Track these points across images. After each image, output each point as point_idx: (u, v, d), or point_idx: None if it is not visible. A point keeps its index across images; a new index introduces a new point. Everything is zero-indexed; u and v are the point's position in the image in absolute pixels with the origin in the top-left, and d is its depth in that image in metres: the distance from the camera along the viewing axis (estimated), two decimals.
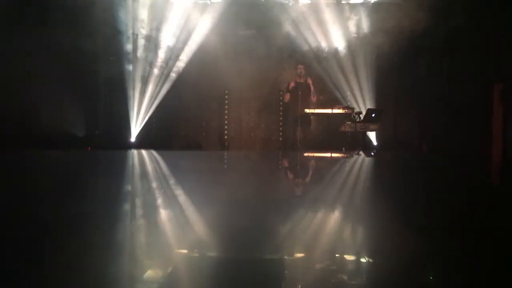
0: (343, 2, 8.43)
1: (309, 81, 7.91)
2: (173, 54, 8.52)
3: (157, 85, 8.56)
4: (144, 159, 6.18)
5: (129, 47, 8.45)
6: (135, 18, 8.35)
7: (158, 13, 8.33)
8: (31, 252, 1.44)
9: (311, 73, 8.24)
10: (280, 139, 8.95)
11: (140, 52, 8.49)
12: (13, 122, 6.95)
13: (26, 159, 5.78)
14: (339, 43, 8.53)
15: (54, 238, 1.63)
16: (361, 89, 8.56)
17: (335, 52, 8.54)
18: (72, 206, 2.28)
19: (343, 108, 7.68)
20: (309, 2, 8.44)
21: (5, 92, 6.84)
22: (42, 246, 1.52)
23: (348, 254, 1.54)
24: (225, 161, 6.51)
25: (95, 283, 1.19)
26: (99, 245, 1.53)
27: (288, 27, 8.42)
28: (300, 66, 7.96)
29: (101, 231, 1.75)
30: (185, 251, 1.54)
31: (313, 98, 7.89)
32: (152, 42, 8.45)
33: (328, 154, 7.41)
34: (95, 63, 8.46)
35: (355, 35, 8.48)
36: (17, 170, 4.35)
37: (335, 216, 2.23)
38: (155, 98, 8.56)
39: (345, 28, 8.51)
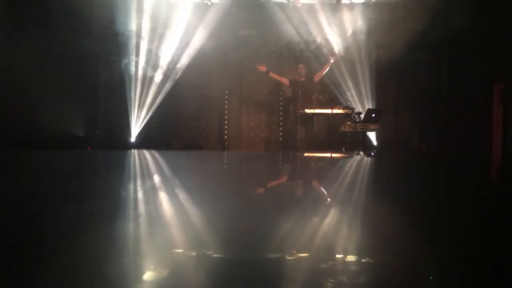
0: (343, 2, 8.43)
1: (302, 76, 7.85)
2: (173, 54, 8.52)
3: (157, 86, 8.56)
4: (144, 160, 6.18)
5: (129, 47, 8.45)
6: (135, 19, 8.35)
7: (159, 14, 8.33)
8: (31, 251, 1.44)
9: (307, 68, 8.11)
10: (280, 139, 8.95)
11: (140, 52, 8.48)
12: (13, 122, 6.95)
13: (26, 159, 5.77)
14: (339, 43, 8.52)
15: (56, 237, 1.63)
16: (361, 90, 8.56)
17: (335, 52, 8.53)
18: (70, 204, 2.28)
19: (343, 108, 7.68)
20: (309, 2, 8.44)
21: (5, 92, 6.85)
22: (45, 244, 1.52)
23: (352, 254, 1.54)
24: (225, 161, 6.51)
25: (95, 282, 1.19)
26: (97, 244, 1.54)
27: (288, 27, 8.42)
28: (301, 66, 7.96)
29: (97, 229, 1.75)
30: (183, 250, 1.54)
31: (316, 76, 7.86)
32: (153, 43, 8.45)
33: (328, 154, 7.42)
34: (95, 63, 8.47)
35: (355, 35, 8.47)
36: (17, 170, 4.35)
37: (341, 217, 2.23)
38: (155, 99, 8.56)
39: (345, 28, 8.50)
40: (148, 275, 1.27)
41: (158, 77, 8.55)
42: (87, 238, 1.63)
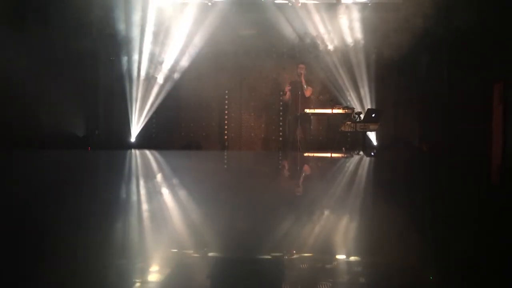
0: (343, 2, 8.42)
1: (302, 76, 7.85)
2: (173, 54, 8.51)
3: (157, 86, 8.55)
4: (144, 160, 6.18)
5: (129, 47, 8.44)
6: (135, 19, 8.34)
7: (158, 14, 8.32)
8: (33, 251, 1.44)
9: (307, 69, 8.14)
10: (280, 139, 8.94)
11: (140, 52, 8.47)
12: (13, 122, 6.94)
13: (26, 159, 5.77)
14: (339, 43, 8.52)
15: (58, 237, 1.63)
16: (361, 89, 8.55)
17: (335, 52, 8.53)
18: (70, 204, 2.28)
19: (343, 108, 7.68)
20: (309, 2, 8.44)
21: (5, 92, 6.84)
22: (47, 244, 1.52)
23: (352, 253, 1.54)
24: (225, 161, 6.51)
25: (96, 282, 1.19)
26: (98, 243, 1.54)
27: (288, 27, 8.41)
28: (301, 66, 7.96)
29: (99, 229, 1.75)
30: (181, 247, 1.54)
31: (306, 93, 7.85)
32: (153, 43, 8.44)
33: (328, 154, 7.42)
34: (95, 63, 8.46)
35: (355, 34, 8.46)
36: (17, 170, 4.35)
37: (341, 216, 2.23)
38: (155, 99, 8.55)
39: (345, 28, 8.49)
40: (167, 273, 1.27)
41: (158, 77, 8.54)
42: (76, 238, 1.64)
